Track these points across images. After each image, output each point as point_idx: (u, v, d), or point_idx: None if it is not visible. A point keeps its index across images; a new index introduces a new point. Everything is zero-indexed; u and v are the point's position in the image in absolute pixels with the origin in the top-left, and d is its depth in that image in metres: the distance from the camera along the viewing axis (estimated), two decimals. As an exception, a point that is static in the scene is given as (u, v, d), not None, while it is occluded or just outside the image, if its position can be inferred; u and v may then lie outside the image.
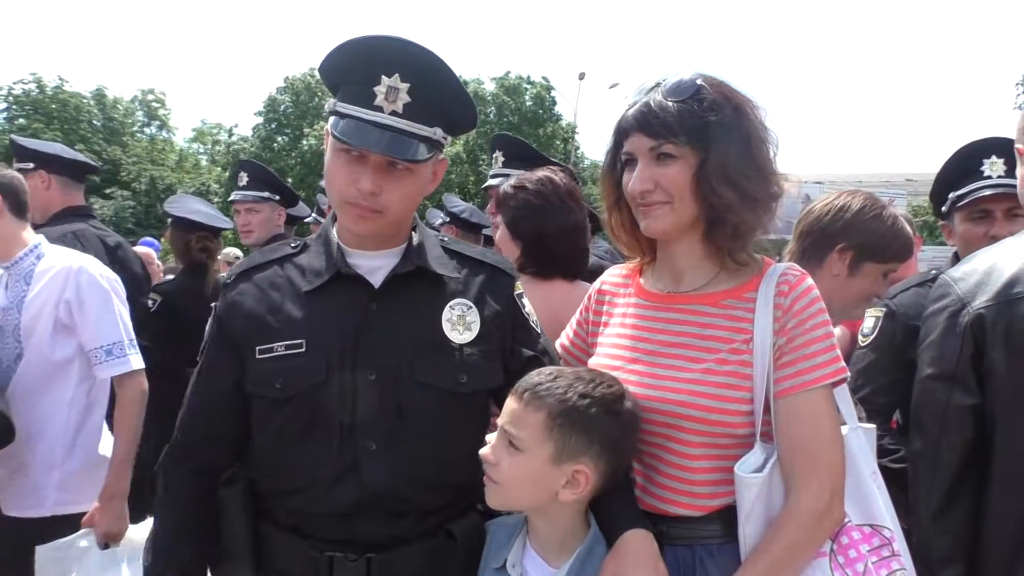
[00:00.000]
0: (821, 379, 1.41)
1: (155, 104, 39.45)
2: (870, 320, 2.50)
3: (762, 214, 1.49)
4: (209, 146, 42.47)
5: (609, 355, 1.60)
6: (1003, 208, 2.42)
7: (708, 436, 1.43)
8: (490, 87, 41.68)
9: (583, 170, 33.92)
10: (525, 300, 1.72)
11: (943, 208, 2.59)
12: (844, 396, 1.53)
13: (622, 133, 1.53)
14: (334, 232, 1.64)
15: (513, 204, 2.38)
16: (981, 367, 1.67)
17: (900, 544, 1.48)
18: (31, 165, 3.36)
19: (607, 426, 1.41)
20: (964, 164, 2.51)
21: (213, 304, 1.71)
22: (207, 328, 1.70)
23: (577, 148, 40.06)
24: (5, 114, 32.99)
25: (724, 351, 1.45)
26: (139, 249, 5.10)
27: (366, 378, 1.53)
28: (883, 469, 2.30)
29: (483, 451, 1.46)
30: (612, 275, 1.74)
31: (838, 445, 1.43)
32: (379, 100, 1.46)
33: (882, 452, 2.32)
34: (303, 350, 1.54)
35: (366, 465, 1.50)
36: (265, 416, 1.58)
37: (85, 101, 35.15)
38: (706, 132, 1.44)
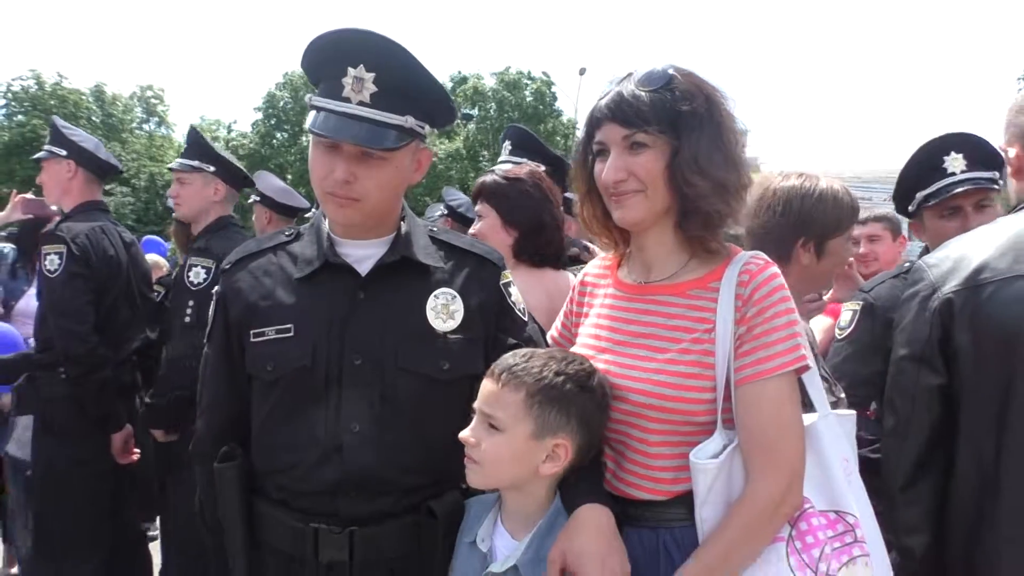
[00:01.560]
0: (780, 367, 1.41)
1: (154, 100, 39.43)
2: (847, 314, 2.54)
3: (733, 203, 1.50)
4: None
5: (584, 344, 1.63)
6: (972, 202, 2.46)
7: (668, 424, 1.45)
8: (490, 82, 41.67)
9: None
10: (512, 289, 1.77)
11: (910, 208, 2.61)
12: (815, 383, 1.53)
13: (594, 123, 1.54)
14: (325, 223, 1.70)
15: (511, 195, 2.44)
16: (948, 349, 1.72)
17: (866, 530, 1.48)
18: (63, 152, 3.44)
19: (582, 401, 1.46)
20: (926, 163, 2.55)
21: (214, 290, 1.77)
22: (210, 313, 1.76)
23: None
24: (4, 110, 32.98)
25: (687, 340, 1.46)
26: (150, 257, 5.17)
27: (352, 363, 1.59)
28: (862, 459, 2.34)
29: (463, 434, 1.49)
30: (594, 267, 1.77)
31: (796, 432, 1.43)
32: (347, 91, 1.51)
33: (860, 443, 2.35)
34: (291, 334, 1.60)
35: (350, 447, 1.57)
36: (260, 396, 1.66)
37: (84, 97, 35.13)
38: (678, 121, 1.46)
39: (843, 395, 2.06)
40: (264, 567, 1.65)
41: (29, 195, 3.66)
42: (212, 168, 3.40)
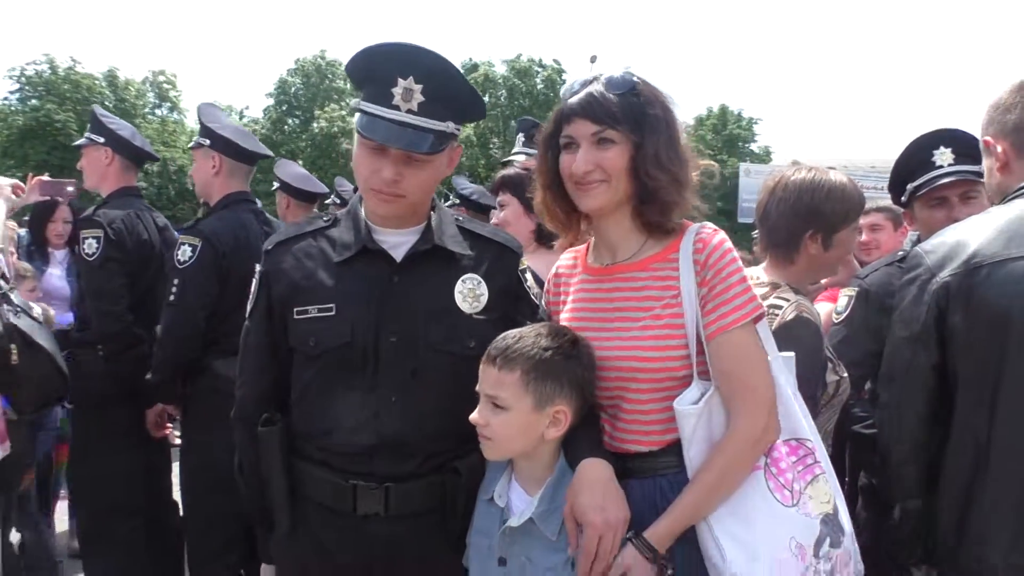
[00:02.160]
0: (742, 318, 1.63)
1: (166, 85, 39.50)
2: (843, 299, 2.69)
3: (685, 193, 1.72)
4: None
5: (569, 325, 1.80)
6: (958, 193, 2.61)
7: (654, 381, 1.66)
8: (501, 69, 41.60)
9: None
10: (528, 275, 1.93)
11: (902, 198, 2.75)
12: (765, 331, 1.73)
13: (564, 119, 1.74)
14: (362, 210, 1.85)
15: (531, 185, 2.61)
16: (944, 330, 1.84)
17: (820, 453, 1.71)
18: (101, 139, 3.57)
19: (571, 368, 1.64)
20: (916, 156, 2.70)
21: (256, 269, 1.93)
22: (252, 290, 1.91)
23: (588, 131, 39.91)
24: (18, 95, 33.10)
25: (657, 307, 1.67)
26: None
27: (387, 341, 1.77)
28: (855, 434, 2.50)
29: (473, 417, 1.65)
30: (564, 260, 1.96)
31: (766, 370, 1.65)
32: (396, 100, 1.67)
33: (854, 420, 2.51)
34: (333, 313, 1.78)
35: (385, 415, 1.76)
36: (302, 368, 1.84)
37: (97, 82, 35.23)
38: (643, 122, 1.67)
39: (845, 374, 2.21)
40: (305, 518, 1.83)
41: (46, 177, 3.77)
42: (207, 141, 3.34)
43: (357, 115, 1.74)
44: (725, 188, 36.95)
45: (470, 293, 1.82)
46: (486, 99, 41.44)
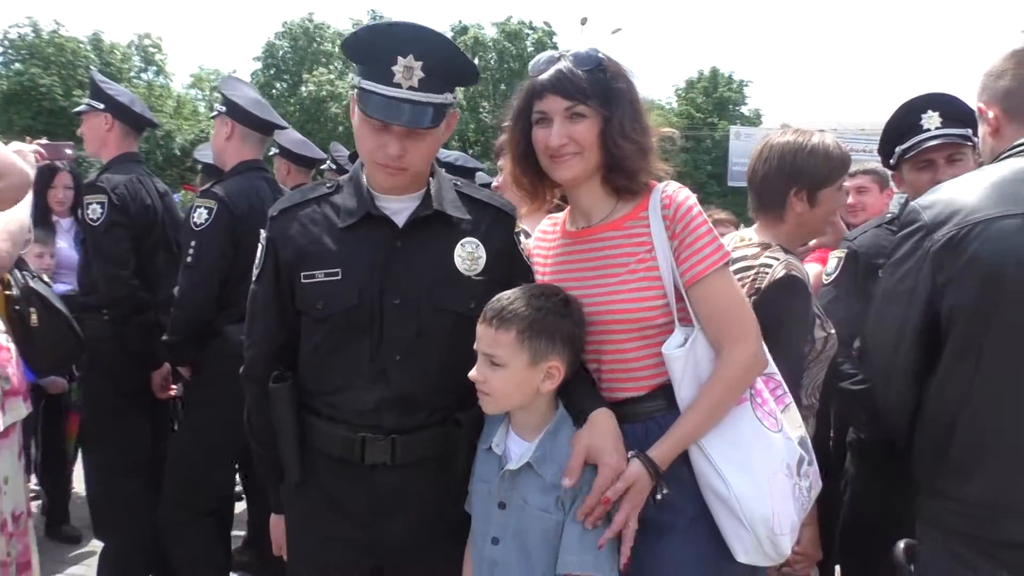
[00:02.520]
0: (715, 263, 1.75)
1: (152, 49, 39.00)
2: (833, 260, 2.77)
3: (649, 160, 1.84)
4: (207, 92, 42.21)
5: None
6: (944, 156, 2.68)
7: (635, 330, 1.77)
8: (491, 32, 41.27)
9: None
10: (522, 237, 2.01)
11: (891, 161, 2.82)
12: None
13: (535, 94, 1.83)
14: (364, 177, 1.91)
15: None
16: (938, 283, 1.88)
17: (785, 384, 1.87)
18: (101, 106, 3.59)
19: (563, 325, 1.73)
20: (905, 120, 2.75)
21: (262, 235, 1.98)
22: (258, 255, 1.97)
23: (578, 95, 39.69)
24: (1, 59, 32.68)
25: (633, 262, 1.79)
26: None
27: (392, 303, 1.84)
28: (843, 391, 2.59)
29: (472, 374, 1.73)
30: (543, 227, 2.07)
31: (747, 305, 1.82)
32: (398, 78, 1.72)
33: (842, 376, 2.60)
34: (339, 278, 1.84)
35: (392, 373, 1.84)
36: (310, 330, 1.91)
37: (82, 46, 34.77)
38: (610, 97, 1.79)
39: (832, 330, 2.30)
40: (314, 469, 1.92)
41: (44, 140, 3.77)
42: (224, 108, 3.37)
43: (356, 91, 1.78)
44: (716, 151, 36.97)
45: (469, 256, 1.89)
46: (476, 62, 41.18)
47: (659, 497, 1.68)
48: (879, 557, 2.26)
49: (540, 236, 2.05)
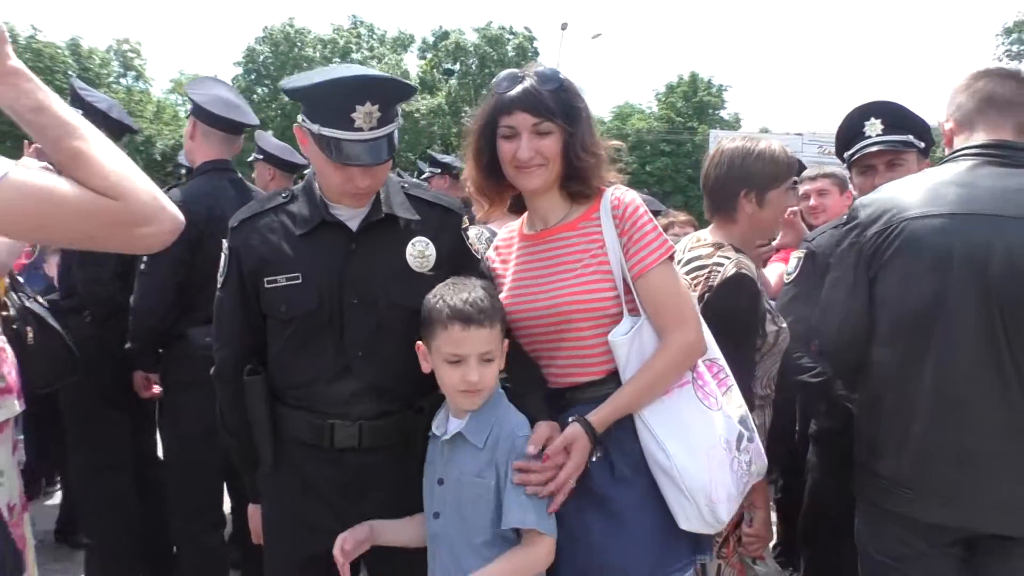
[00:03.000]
0: (659, 257, 1.91)
1: (131, 54, 38.84)
2: (793, 260, 2.91)
3: (603, 170, 2.01)
4: (187, 98, 41.97)
5: (514, 285, 2.06)
6: (883, 161, 2.84)
7: (590, 319, 1.92)
8: (472, 37, 41.39)
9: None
10: (470, 233, 2.17)
11: (845, 165, 2.97)
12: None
13: (503, 109, 1.97)
14: (316, 186, 2.05)
15: None
16: (870, 271, 2.09)
17: (727, 369, 2.03)
18: (79, 112, 3.59)
19: (504, 312, 1.93)
20: (851, 128, 2.93)
21: (224, 244, 2.10)
22: (222, 264, 2.10)
23: (559, 99, 39.91)
24: None
25: (587, 257, 1.95)
26: None
27: (350, 302, 1.98)
28: (802, 384, 2.72)
29: (472, 380, 1.81)
30: (502, 236, 2.24)
31: (689, 298, 1.98)
32: (359, 123, 1.86)
33: (801, 371, 2.72)
34: (300, 282, 1.98)
35: (356, 367, 1.99)
36: (275, 330, 2.05)
37: (60, 51, 34.55)
38: (571, 114, 1.96)
39: (784, 324, 2.42)
40: (288, 455, 2.06)
41: (36, 146, 3.81)
42: (189, 107, 3.41)
43: (315, 137, 1.89)
44: (696, 154, 37.22)
45: (419, 254, 2.03)
46: (456, 67, 41.34)
47: (594, 459, 1.86)
48: (840, 542, 2.40)
49: (499, 244, 2.21)
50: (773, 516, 4.17)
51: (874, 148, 2.84)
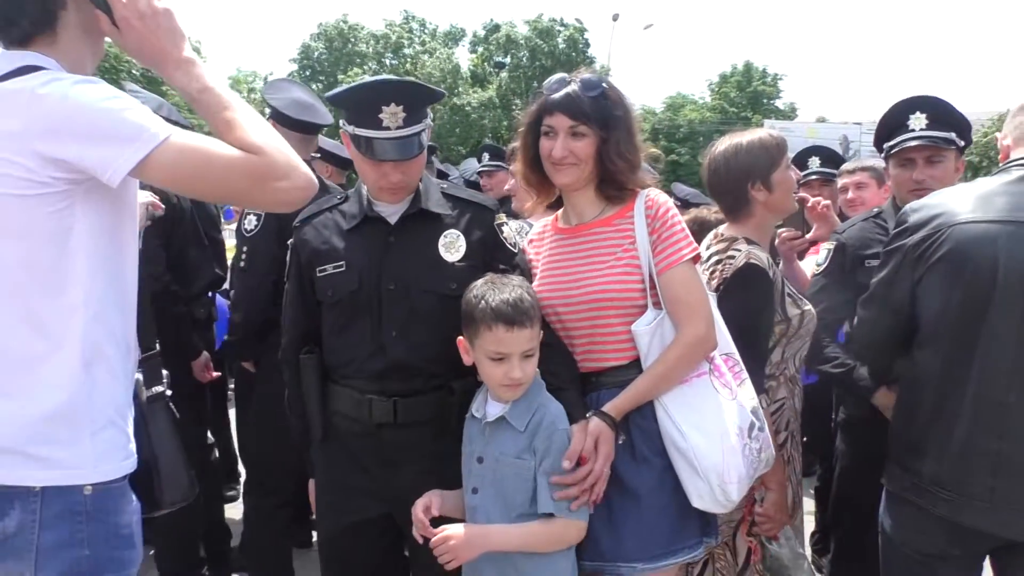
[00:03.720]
0: (683, 256, 2.06)
1: (191, 52, 39.79)
2: (823, 252, 2.95)
3: (637, 175, 2.17)
4: (245, 94, 42.91)
5: (547, 273, 2.22)
6: (923, 156, 2.82)
7: (620, 308, 2.07)
8: (523, 30, 41.44)
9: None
10: (505, 228, 2.32)
11: (883, 155, 2.98)
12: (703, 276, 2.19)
13: (546, 111, 2.15)
14: (364, 188, 2.28)
15: None
16: (915, 273, 2.11)
17: (742, 364, 2.16)
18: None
19: (539, 306, 2.05)
20: (894, 119, 2.91)
21: (289, 242, 2.38)
22: (288, 258, 2.38)
23: (611, 91, 39.71)
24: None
25: (618, 252, 2.11)
26: None
27: (387, 288, 2.18)
28: (825, 373, 2.78)
29: (515, 376, 1.93)
30: (536, 229, 2.40)
31: (705, 296, 2.11)
32: (386, 122, 2.08)
33: (825, 360, 2.78)
34: (344, 269, 2.21)
35: (390, 346, 2.18)
36: (326, 314, 2.28)
37: (122, 52, 35.50)
38: (608, 121, 2.11)
39: (808, 307, 2.49)
40: (336, 429, 2.27)
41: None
42: (268, 112, 3.55)
43: (351, 136, 2.13)
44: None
45: (451, 245, 2.21)
46: (507, 60, 41.47)
47: (619, 442, 2.01)
48: (866, 528, 2.45)
49: (533, 237, 2.36)
50: (811, 504, 4.22)
51: (916, 142, 2.83)
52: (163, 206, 2.98)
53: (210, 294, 3.95)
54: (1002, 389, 1.95)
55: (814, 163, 4.33)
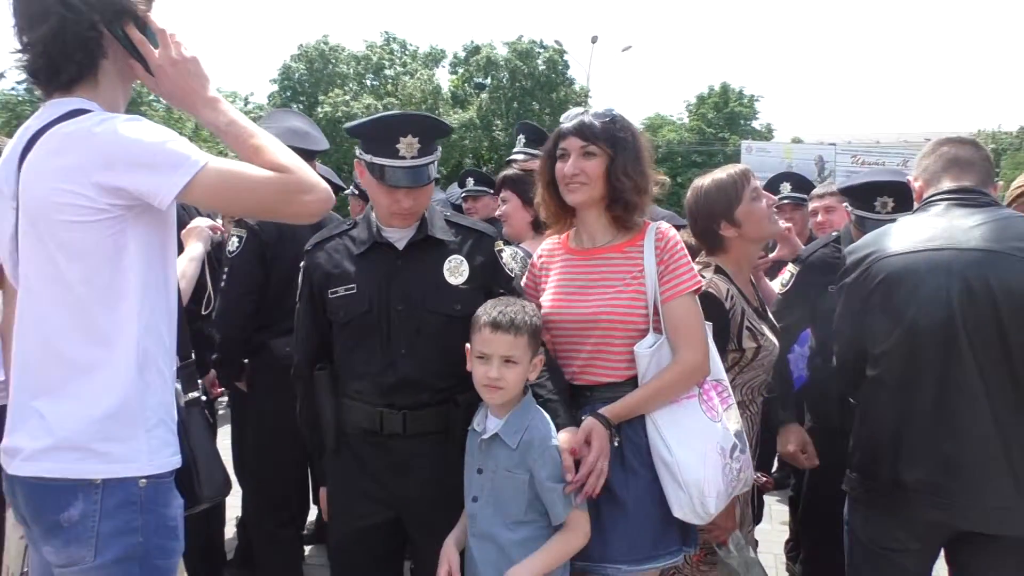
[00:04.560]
0: (686, 288, 2.23)
1: (172, 73, 39.67)
2: (787, 274, 3.23)
3: (644, 197, 2.31)
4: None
5: (557, 289, 2.37)
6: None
7: (623, 330, 2.24)
8: (503, 52, 41.73)
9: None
10: (503, 255, 2.50)
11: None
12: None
13: (561, 136, 2.33)
14: (373, 215, 2.45)
15: (528, 182, 3.12)
16: (858, 307, 2.39)
17: (730, 390, 2.33)
18: None
19: (539, 330, 2.21)
20: (865, 195, 3.25)
21: (301, 264, 2.52)
22: (300, 279, 2.51)
23: (590, 112, 40.04)
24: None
25: (627, 279, 2.26)
26: None
27: (396, 309, 2.35)
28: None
29: (492, 376, 2.11)
30: (547, 245, 2.53)
31: (702, 327, 2.27)
32: (402, 152, 2.29)
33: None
34: (355, 291, 2.37)
35: (399, 363, 2.34)
36: (337, 334, 2.44)
37: (104, 71, 35.39)
38: (616, 143, 2.27)
39: (764, 342, 2.67)
40: (347, 440, 2.43)
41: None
42: None
43: (367, 164, 2.32)
44: (727, 166, 37.22)
45: (455, 269, 2.39)
46: (488, 81, 41.79)
47: (615, 444, 2.17)
48: (835, 530, 2.66)
49: (543, 252, 2.51)
50: (786, 515, 4.43)
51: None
52: (221, 228, 3.11)
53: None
54: (942, 396, 2.18)
55: (785, 188, 4.70)
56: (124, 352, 1.68)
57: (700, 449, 2.17)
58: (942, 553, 2.38)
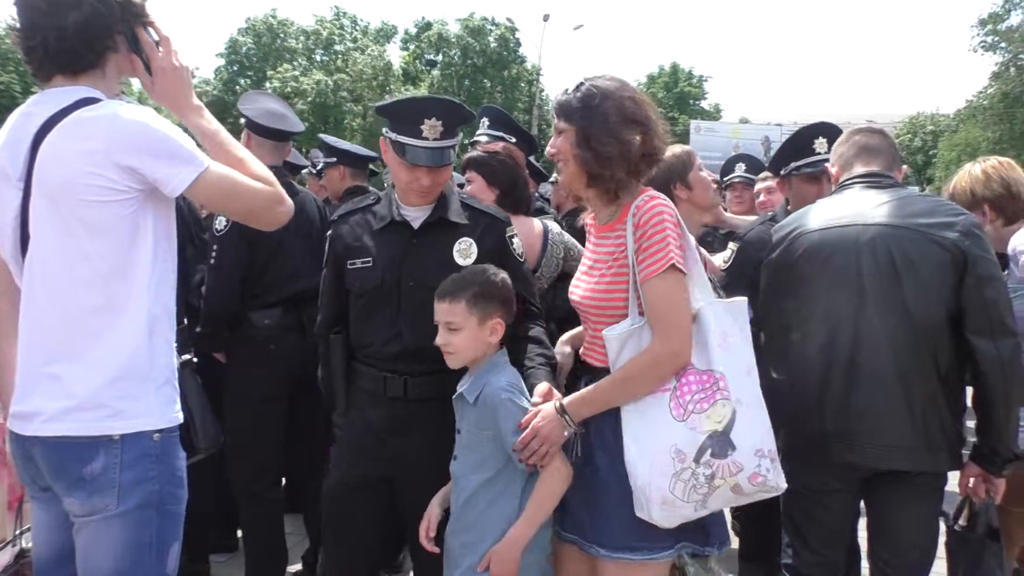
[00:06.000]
0: (660, 268, 2.00)
1: (113, 46, 38.54)
2: (727, 252, 3.47)
3: (614, 166, 2.09)
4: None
5: (582, 270, 2.33)
6: (828, 176, 3.35)
7: (602, 315, 2.15)
8: (454, 28, 41.45)
9: (547, 112, 34.27)
10: (515, 240, 2.62)
11: (781, 171, 3.50)
12: (701, 281, 2.14)
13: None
14: (394, 193, 2.60)
15: (492, 163, 3.31)
16: (782, 280, 2.71)
17: (730, 382, 2.03)
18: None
19: (499, 290, 2.27)
20: (801, 142, 3.44)
21: (328, 234, 2.69)
22: (326, 248, 2.68)
23: (542, 90, 40.39)
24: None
25: (610, 260, 2.14)
26: None
27: (407, 284, 2.50)
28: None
29: (437, 341, 2.23)
30: (588, 217, 2.38)
31: (680, 308, 2.03)
32: (425, 133, 2.42)
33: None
34: (371, 265, 2.53)
35: (406, 333, 2.49)
36: (353, 302, 2.61)
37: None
38: (582, 113, 2.11)
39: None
40: (357, 401, 2.61)
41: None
42: (243, 120, 3.69)
43: (391, 142, 2.45)
44: (676, 145, 37.65)
45: (465, 251, 2.51)
46: (439, 58, 41.53)
47: (567, 433, 2.09)
48: (770, 514, 2.96)
49: (589, 222, 2.35)
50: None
51: (825, 164, 3.26)
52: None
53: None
54: (854, 354, 2.49)
55: (740, 168, 5.15)
56: (136, 318, 1.85)
57: (651, 448, 1.99)
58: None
